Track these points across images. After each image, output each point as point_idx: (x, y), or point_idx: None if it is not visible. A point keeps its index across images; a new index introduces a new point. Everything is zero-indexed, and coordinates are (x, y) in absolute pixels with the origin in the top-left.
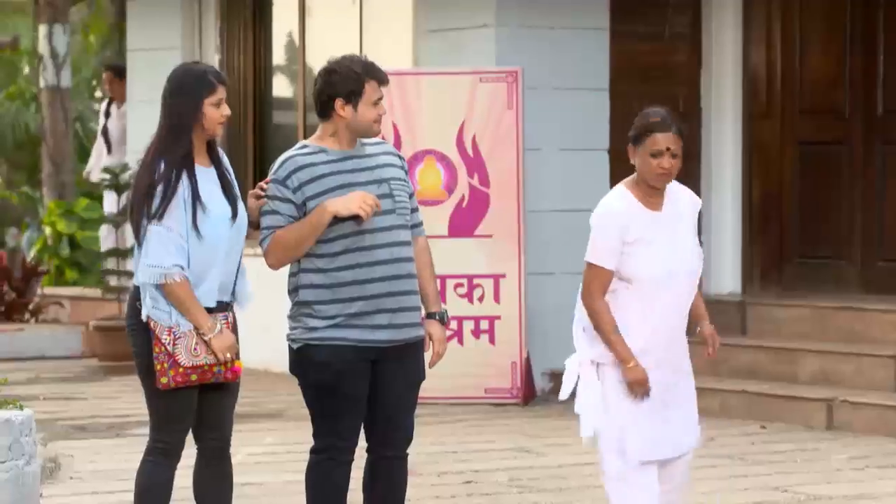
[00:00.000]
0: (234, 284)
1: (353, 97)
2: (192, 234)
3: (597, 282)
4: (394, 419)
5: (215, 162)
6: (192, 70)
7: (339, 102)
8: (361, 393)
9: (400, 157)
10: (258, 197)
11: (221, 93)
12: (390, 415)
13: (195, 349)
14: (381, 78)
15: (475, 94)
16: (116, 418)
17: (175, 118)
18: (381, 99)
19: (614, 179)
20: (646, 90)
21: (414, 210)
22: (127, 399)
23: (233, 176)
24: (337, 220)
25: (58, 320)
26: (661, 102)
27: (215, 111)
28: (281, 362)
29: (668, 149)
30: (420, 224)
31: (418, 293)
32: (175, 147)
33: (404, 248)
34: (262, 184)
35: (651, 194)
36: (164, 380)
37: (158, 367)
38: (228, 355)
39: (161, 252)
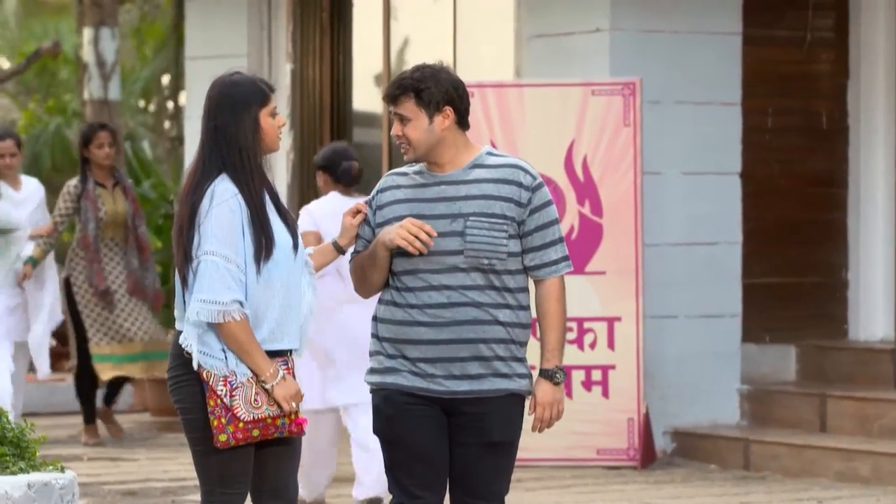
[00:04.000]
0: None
1: None
2: (251, 266)
3: None
4: (468, 481)
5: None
6: (240, 80)
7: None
8: (425, 444)
9: (521, 186)
10: (353, 215)
11: (274, 101)
12: (463, 476)
13: (255, 400)
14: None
15: (586, 108)
16: (172, 482)
17: (231, 136)
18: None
19: (747, 207)
20: (783, 104)
21: (538, 248)
22: (183, 460)
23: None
24: (400, 252)
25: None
26: (801, 117)
27: (272, 122)
28: None
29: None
30: (548, 264)
31: (507, 342)
32: (242, 169)
33: (472, 291)
34: (360, 202)
35: None
36: (222, 437)
37: (215, 422)
38: (294, 404)
39: (218, 286)
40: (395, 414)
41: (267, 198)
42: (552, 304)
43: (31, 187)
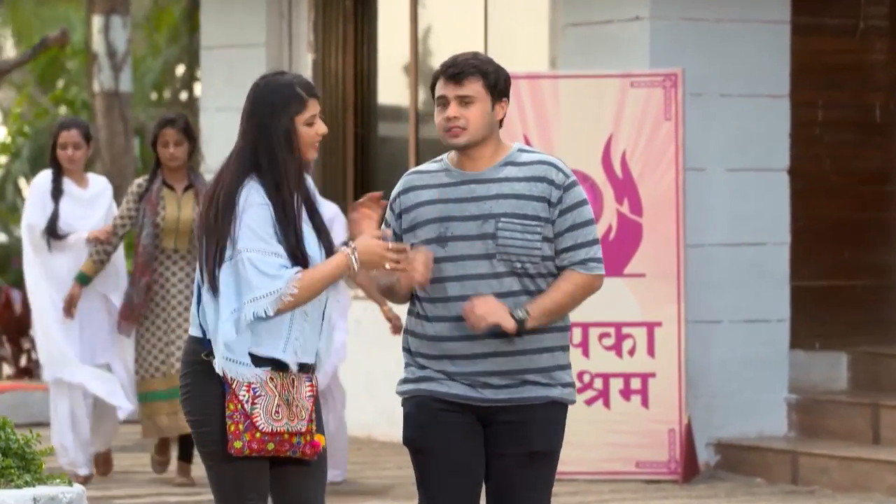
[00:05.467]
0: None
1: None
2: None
3: None
4: (506, 496)
5: (302, 194)
6: (279, 83)
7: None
8: (460, 454)
9: (552, 185)
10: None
11: (314, 107)
12: (500, 490)
13: (276, 412)
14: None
15: (625, 101)
16: (185, 496)
17: (265, 141)
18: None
19: (796, 205)
20: (834, 96)
21: (569, 248)
22: (196, 473)
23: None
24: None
25: None
26: (853, 110)
27: (308, 130)
28: (386, 427)
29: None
30: (577, 263)
31: (547, 349)
32: (273, 176)
33: (506, 299)
34: (371, 195)
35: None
36: (237, 444)
37: (232, 427)
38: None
39: (260, 281)
40: (428, 422)
41: (302, 208)
42: (576, 277)
43: (100, 186)
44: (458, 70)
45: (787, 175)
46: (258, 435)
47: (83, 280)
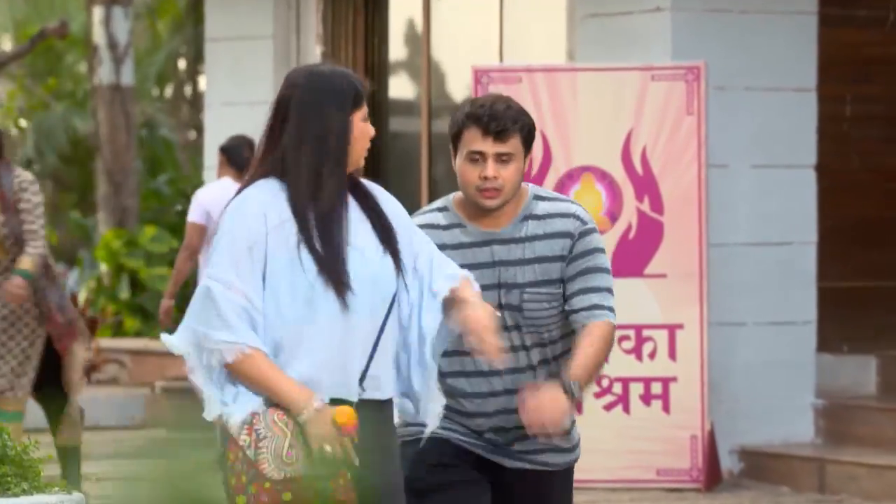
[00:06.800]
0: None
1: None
2: (286, 292)
3: None
4: None
5: (360, 198)
6: (334, 73)
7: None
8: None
9: (568, 236)
10: None
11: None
12: None
13: (288, 454)
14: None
15: (645, 95)
16: None
17: (316, 140)
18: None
19: (823, 203)
20: (863, 91)
21: (578, 293)
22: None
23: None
24: None
25: (116, 381)
26: (883, 105)
27: (365, 129)
28: None
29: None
30: (589, 308)
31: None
32: (300, 181)
33: (524, 374)
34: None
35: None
36: (240, 499)
37: (233, 481)
38: (331, 449)
39: (211, 319)
40: (441, 463)
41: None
42: (598, 329)
43: None
44: (501, 127)
45: (814, 172)
46: (267, 486)
47: None
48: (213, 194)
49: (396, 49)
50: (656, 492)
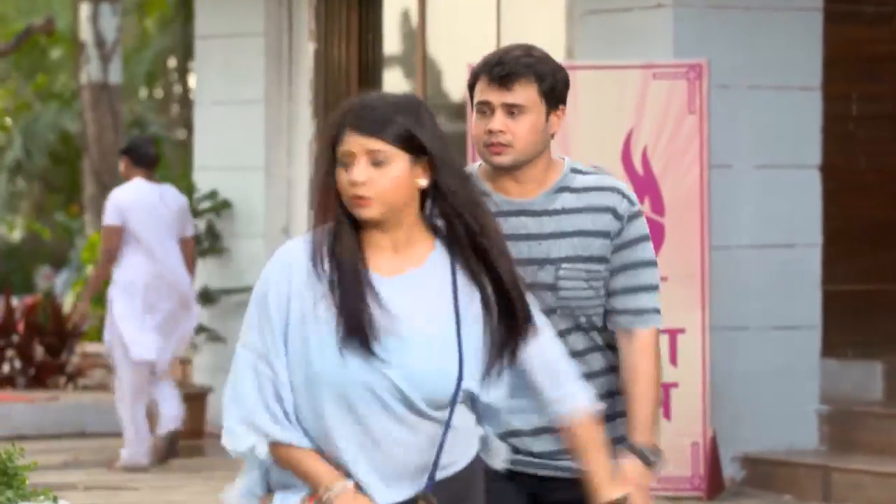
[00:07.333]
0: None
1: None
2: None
3: None
4: None
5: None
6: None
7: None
8: None
9: (615, 215)
10: None
11: None
12: None
13: None
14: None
15: (646, 93)
16: None
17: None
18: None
19: (828, 204)
20: (869, 89)
21: (623, 291)
22: (192, 489)
23: None
24: None
25: (103, 386)
26: (889, 104)
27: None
28: None
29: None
30: (636, 312)
31: (624, 414)
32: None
33: (574, 359)
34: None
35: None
36: None
37: None
38: None
39: (245, 405)
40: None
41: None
42: (645, 363)
43: None
44: (506, 71)
45: (819, 172)
46: None
47: None
48: (128, 196)
49: (391, 46)
50: (657, 500)
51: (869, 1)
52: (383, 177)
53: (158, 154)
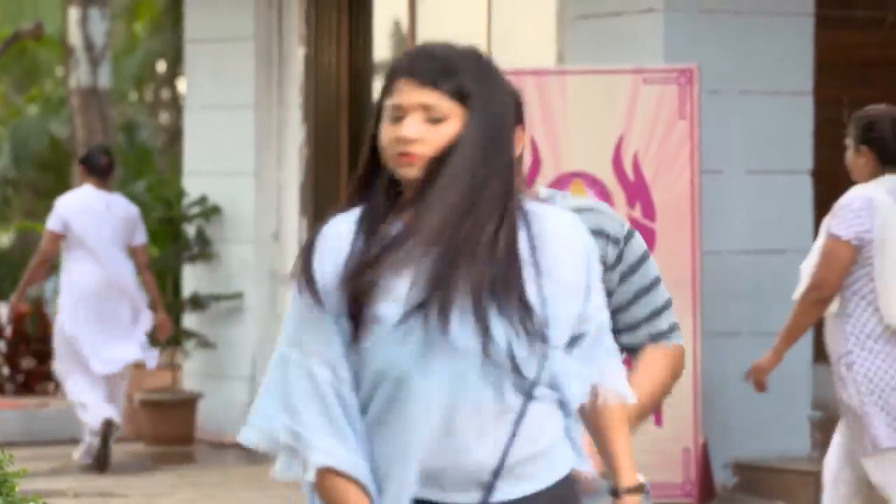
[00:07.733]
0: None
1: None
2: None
3: None
4: None
5: None
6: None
7: None
8: None
9: (608, 239)
10: None
11: None
12: None
13: None
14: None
15: (637, 98)
16: None
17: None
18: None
19: (820, 210)
20: (861, 94)
21: (644, 321)
22: (182, 496)
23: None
24: None
25: None
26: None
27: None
28: None
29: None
30: (667, 332)
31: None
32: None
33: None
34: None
35: None
36: None
37: None
38: None
39: (276, 401)
40: None
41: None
42: (654, 376)
43: None
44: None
45: (811, 178)
46: None
47: None
48: (72, 202)
49: (381, 50)
50: None
51: (860, 6)
52: (438, 134)
53: (111, 163)
